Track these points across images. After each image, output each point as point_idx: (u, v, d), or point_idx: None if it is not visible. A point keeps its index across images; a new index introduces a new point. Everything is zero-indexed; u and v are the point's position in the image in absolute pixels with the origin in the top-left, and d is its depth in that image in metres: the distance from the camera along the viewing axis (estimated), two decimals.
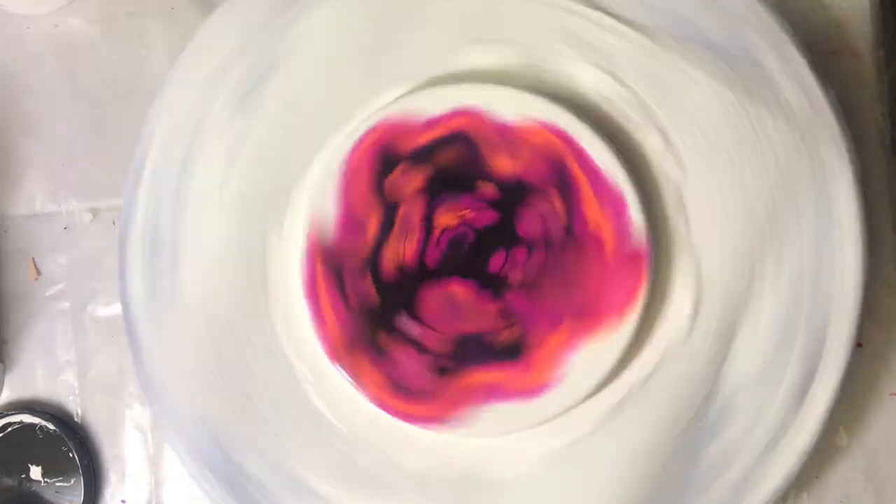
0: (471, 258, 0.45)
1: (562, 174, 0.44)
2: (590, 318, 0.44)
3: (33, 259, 0.52)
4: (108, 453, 0.51)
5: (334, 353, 0.45)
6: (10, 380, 0.51)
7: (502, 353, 0.44)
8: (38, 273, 0.52)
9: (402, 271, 0.45)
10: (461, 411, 0.44)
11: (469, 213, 0.45)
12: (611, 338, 0.44)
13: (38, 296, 0.52)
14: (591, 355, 0.44)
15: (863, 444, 0.48)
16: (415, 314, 0.45)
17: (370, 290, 0.45)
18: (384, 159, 0.45)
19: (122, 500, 0.51)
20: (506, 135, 0.45)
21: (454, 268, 0.45)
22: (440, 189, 0.45)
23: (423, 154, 0.45)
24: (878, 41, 0.48)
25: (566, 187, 0.44)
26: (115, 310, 0.51)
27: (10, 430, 0.50)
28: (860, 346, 0.47)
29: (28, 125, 0.52)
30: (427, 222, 0.45)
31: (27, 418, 0.50)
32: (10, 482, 0.50)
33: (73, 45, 0.52)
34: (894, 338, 0.48)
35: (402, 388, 0.45)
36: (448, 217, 0.45)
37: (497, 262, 0.45)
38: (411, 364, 0.45)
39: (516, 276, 0.44)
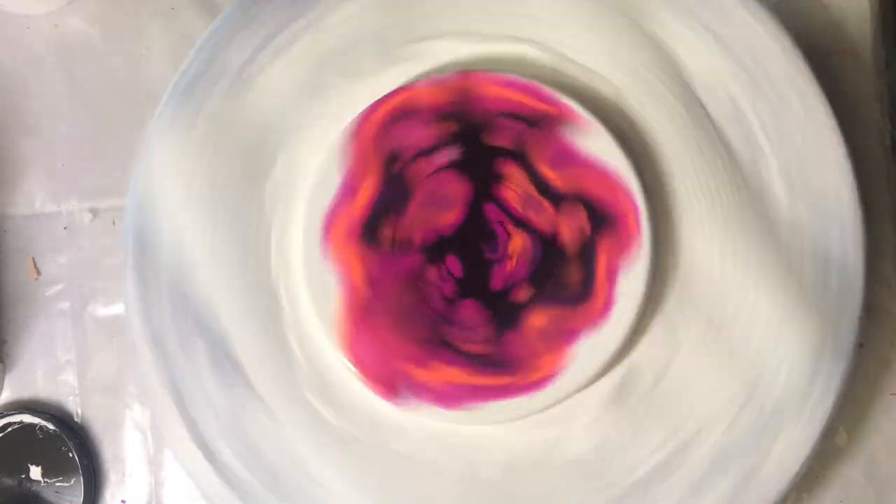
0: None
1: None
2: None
3: (33, 259, 0.52)
4: (108, 453, 0.51)
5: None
6: (10, 380, 0.51)
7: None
8: (38, 273, 0.52)
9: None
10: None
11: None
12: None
13: (38, 296, 0.52)
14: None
15: (863, 444, 0.48)
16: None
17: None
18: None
19: (122, 500, 0.51)
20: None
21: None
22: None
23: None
24: (878, 41, 0.48)
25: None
26: (115, 310, 0.51)
27: (10, 430, 0.50)
28: (860, 346, 0.47)
29: (28, 125, 0.52)
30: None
31: (27, 418, 0.50)
32: (10, 482, 0.50)
33: (73, 45, 0.52)
34: (894, 338, 0.48)
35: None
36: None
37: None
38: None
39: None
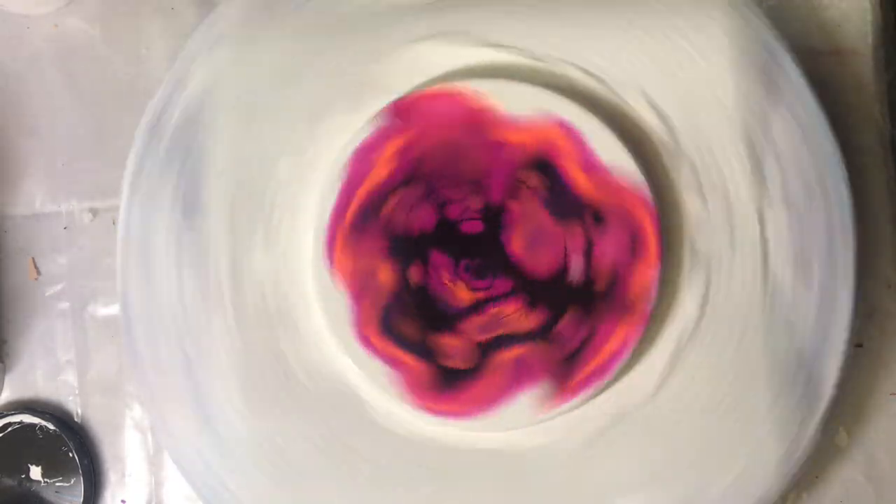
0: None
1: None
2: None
3: (33, 259, 0.52)
4: (108, 453, 0.51)
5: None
6: (10, 380, 0.51)
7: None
8: (38, 273, 0.52)
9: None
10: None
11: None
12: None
13: (38, 296, 0.52)
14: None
15: (863, 444, 0.48)
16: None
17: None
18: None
19: (122, 500, 0.51)
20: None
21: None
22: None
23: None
24: (878, 41, 0.48)
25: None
26: (115, 310, 0.51)
27: (10, 430, 0.50)
28: (860, 346, 0.47)
29: (28, 125, 0.52)
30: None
31: (27, 418, 0.50)
32: (10, 482, 0.50)
33: (73, 45, 0.52)
34: (894, 338, 0.48)
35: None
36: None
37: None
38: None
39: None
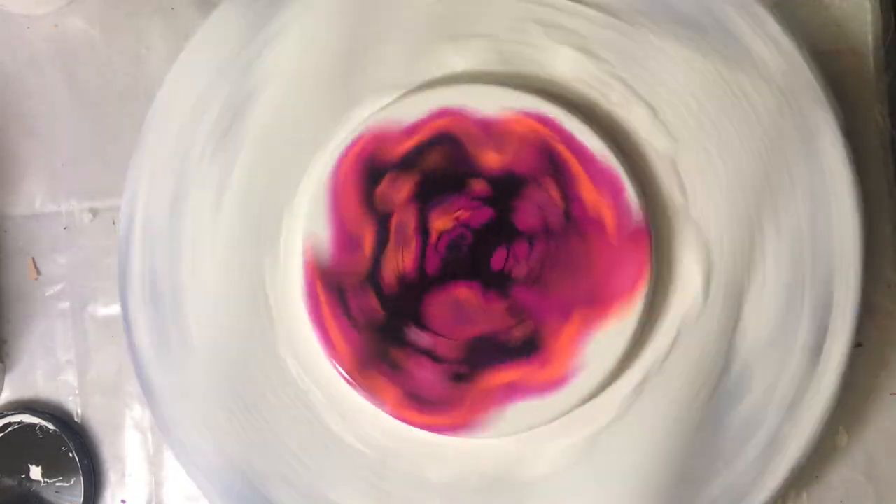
0: (472, 259, 0.45)
1: (552, 160, 0.44)
2: (600, 303, 0.44)
3: (33, 259, 0.52)
4: (108, 453, 0.51)
5: (348, 374, 0.45)
6: (10, 380, 0.51)
7: (517, 350, 0.44)
8: (38, 273, 0.52)
9: (404, 282, 0.45)
10: (483, 414, 0.44)
11: (464, 214, 0.45)
12: (623, 320, 0.43)
13: (38, 296, 0.52)
14: (606, 340, 0.43)
15: (863, 444, 0.48)
16: (423, 324, 0.44)
17: (375, 305, 0.45)
18: (370, 171, 0.45)
19: (122, 500, 0.51)
20: (490, 129, 0.44)
21: (456, 271, 0.45)
22: (431, 193, 0.45)
23: (409, 160, 0.45)
24: (878, 41, 0.48)
25: (559, 173, 0.44)
26: (115, 310, 0.51)
27: (10, 430, 0.50)
28: (860, 346, 0.47)
29: (28, 125, 0.52)
30: (422, 229, 0.45)
31: (27, 418, 0.50)
32: (10, 482, 0.50)
33: (73, 45, 0.52)
34: (894, 338, 0.48)
35: (420, 399, 0.44)
36: (443, 221, 0.45)
37: (499, 260, 0.44)
38: (426, 374, 0.44)
39: (520, 272, 0.44)
